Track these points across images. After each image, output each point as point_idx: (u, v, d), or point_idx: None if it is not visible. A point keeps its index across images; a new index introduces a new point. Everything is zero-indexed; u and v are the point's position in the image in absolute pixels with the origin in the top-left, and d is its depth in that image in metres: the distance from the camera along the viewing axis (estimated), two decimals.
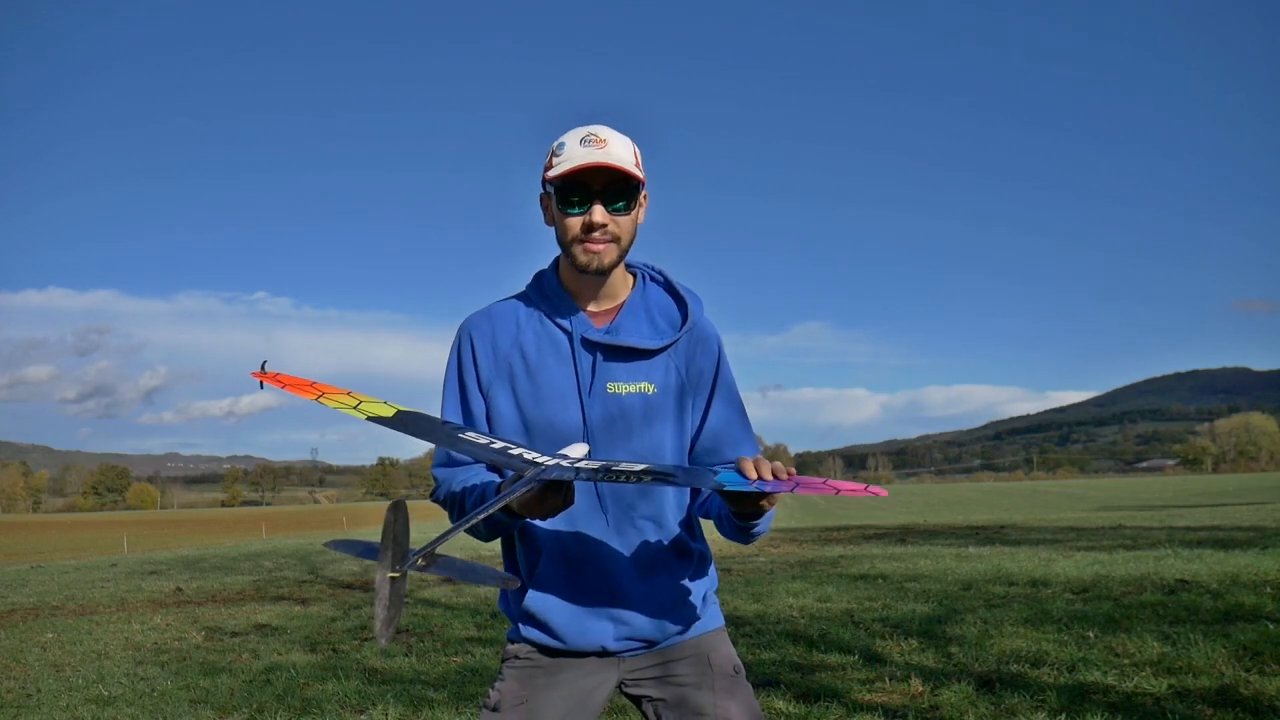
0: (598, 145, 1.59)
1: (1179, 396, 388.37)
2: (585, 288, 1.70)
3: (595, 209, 1.60)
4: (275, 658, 6.08)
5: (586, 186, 1.60)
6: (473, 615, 7.59)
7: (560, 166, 1.60)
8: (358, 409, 1.55)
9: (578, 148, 1.60)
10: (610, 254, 1.63)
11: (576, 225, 1.62)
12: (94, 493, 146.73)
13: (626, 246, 1.66)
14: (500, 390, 1.68)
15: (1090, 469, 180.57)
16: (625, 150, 1.62)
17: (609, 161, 1.57)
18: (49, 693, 5.31)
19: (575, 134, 1.62)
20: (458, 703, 4.58)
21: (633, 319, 1.70)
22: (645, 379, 1.67)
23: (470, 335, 1.72)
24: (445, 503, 1.67)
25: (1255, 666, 4.41)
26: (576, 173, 1.59)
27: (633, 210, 1.65)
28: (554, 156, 1.63)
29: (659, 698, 1.68)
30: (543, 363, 1.67)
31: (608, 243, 1.62)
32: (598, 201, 1.61)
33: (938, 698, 4.20)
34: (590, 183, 1.60)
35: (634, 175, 1.60)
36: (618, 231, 1.63)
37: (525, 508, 1.43)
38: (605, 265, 1.64)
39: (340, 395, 1.59)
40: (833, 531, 17.77)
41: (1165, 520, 16.77)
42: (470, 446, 1.48)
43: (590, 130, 1.62)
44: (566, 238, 1.64)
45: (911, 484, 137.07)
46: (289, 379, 1.61)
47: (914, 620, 6.22)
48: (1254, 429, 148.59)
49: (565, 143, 1.62)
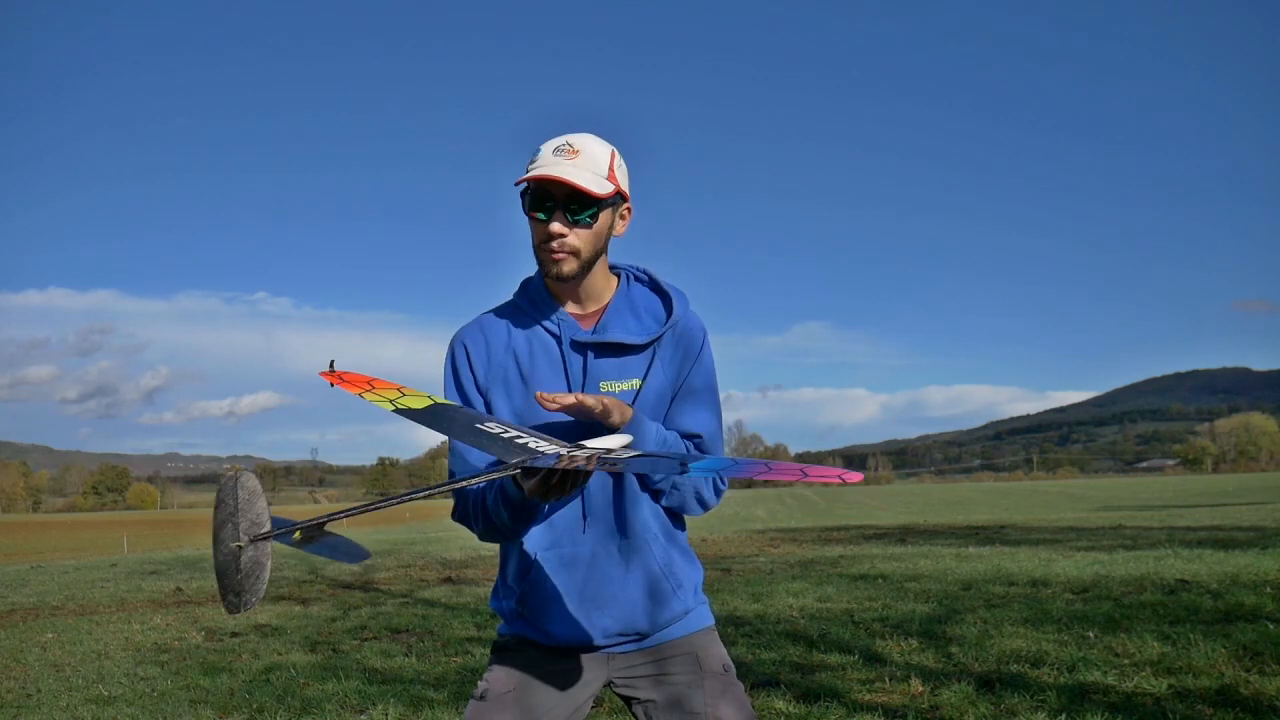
0: (569, 156, 1.60)
1: (1179, 396, 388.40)
2: (568, 291, 1.71)
3: (555, 220, 1.61)
4: (275, 658, 6.09)
5: (550, 195, 1.61)
6: (473, 615, 7.60)
7: (529, 173, 1.61)
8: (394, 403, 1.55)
9: (550, 156, 1.61)
10: (569, 264, 1.64)
11: (539, 233, 1.64)
12: (94, 493, 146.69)
13: (588, 258, 1.66)
14: (497, 395, 1.70)
15: (1090, 469, 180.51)
16: (597, 163, 1.61)
17: (564, 177, 1.57)
18: (49, 693, 5.32)
19: (552, 142, 1.63)
20: (458, 703, 4.58)
21: (618, 316, 1.72)
22: (635, 375, 1.69)
23: (464, 344, 1.73)
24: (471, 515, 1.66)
25: (1255, 666, 4.41)
26: (538, 182, 1.60)
27: (596, 224, 1.64)
28: (530, 162, 1.64)
29: (649, 699, 1.68)
30: (535, 367, 1.69)
31: (566, 254, 1.63)
32: (559, 211, 1.61)
33: (938, 698, 4.20)
34: (554, 192, 1.60)
35: (589, 193, 1.59)
36: (577, 244, 1.63)
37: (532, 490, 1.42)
38: (564, 274, 1.64)
39: (390, 390, 1.60)
40: (833, 531, 17.78)
41: (1165, 520, 16.78)
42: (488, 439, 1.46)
43: (567, 139, 1.62)
44: (533, 243, 1.67)
45: (911, 484, 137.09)
46: (351, 376, 1.63)
47: (914, 620, 6.22)
48: (1254, 429, 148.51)
49: (541, 149, 1.63)
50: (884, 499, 48.76)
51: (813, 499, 50.45)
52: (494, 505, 1.58)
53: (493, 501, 1.59)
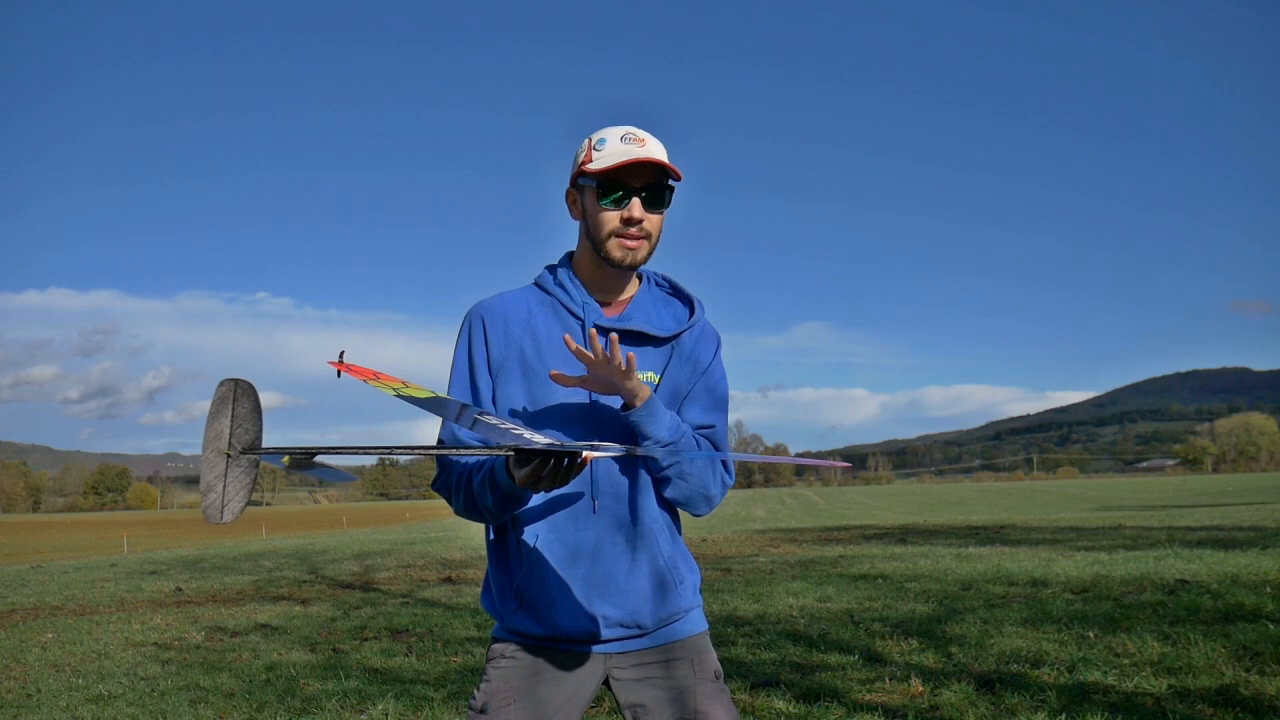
0: (637, 143, 1.63)
1: (1179, 396, 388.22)
2: (599, 282, 1.73)
3: (634, 204, 1.63)
4: (275, 657, 6.09)
5: (626, 183, 1.63)
6: (473, 615, 7.60)
7: (603, 161, 1.62)
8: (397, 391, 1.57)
9: (619, 144, 1.63)
10: (643, 250, 1.67)
11: (615, 219, 1.64)
12: (94, 493, 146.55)
13: (656, 244, 1.70)
14: (510, 372, 1.69)
15: (1090, 469, 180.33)
16: (661, 151, 1.66)
17: (654, 158, 1.60)
18: (49, 693, 5.32)
19: (614, 131, 1.65)
20: (458, 702, 4.58)
21: (642, 309, 1.74)
22: (651, 368, 1.71)
23: (482, 317, 1.73)
24: (453, 486, 1.65)
25: (1255, 666, 4.41)
26: (621, 168, 1.61)
27: (664, 211, 1.68)
28: (593, 150, 1.65)
29: (639, 702, 1.67)
30: (553, 347, 1.69)
31: (641, 239, 1.65)
32: (636, 198, 1.63)
33: (938, 698, 4.20)
34: (631, 179, 1.62)
35: (678, 172, 1.64)
36: (651, 229, 1.67)
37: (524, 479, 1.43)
38: (638, 261, 1.67)
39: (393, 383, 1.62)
40: (833, 531, 17.78)
41: (1165, 520, 16.77)
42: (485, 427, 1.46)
43: (629, 129, 1.65)
44: (602, 231, 1.66)
45: (911, 484, 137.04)
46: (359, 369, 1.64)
47: (914, 620, 6.22)
48: (1254, 429, 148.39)
49: (605, 138, 1.65)
50: (884, 499, 48.75)
51: (813, 499, 50.44)
52: (480, 488, 1.58)
53: (479, 484, 1.58)
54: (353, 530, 30.70)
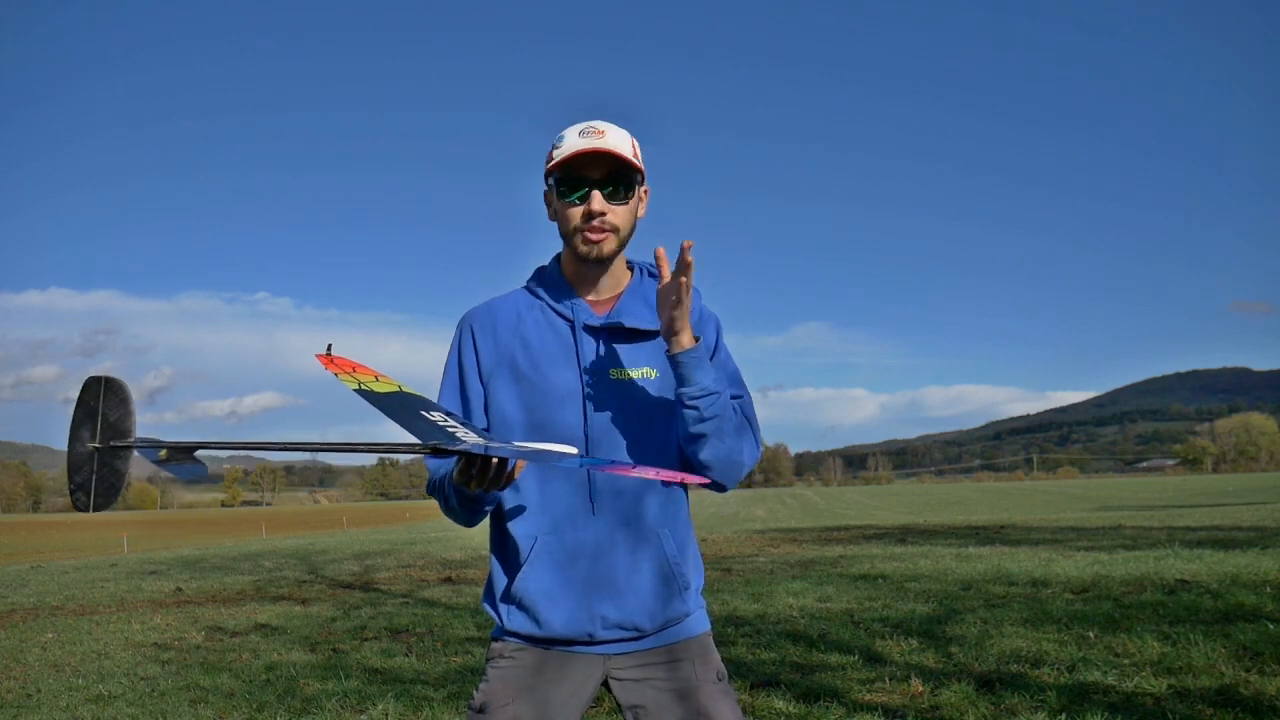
0: (595, 136, 1.63)
1: (1179, 396, 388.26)
2: (586, 279, 1.73)
3: (594, 197, 1.63)
4: (275, 657, 6.08)
5: (585, 177, 1.63)
6: (473, 615, 7.59)
7: (558, 156, 1.64)
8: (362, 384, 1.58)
9: (576, 139, 1.64)
10: (609, 243, 1.66)
11: (577, 215, 1.65)
12: None
13: (625, 237, 1.69)
14: (501, 379, 1.70)
15: (1090, 469, 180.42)
16: (623, 141, 1.65)
17: (605, 148, 1.61)
18: (49, 693, 5.31)
19: (575, 128, 1.67)
20: (458, 703, 4.58)
21: (632, 303, 1.73)
22: (647, 364, 1.70)
23: (471, 326, 1.75)
24: (433, 489, 1.70)
25: (1255, 666, 4.41)
26: (574, 160, 1.62)
27: (631, 200, 1.67)
28: (554, 149, 1.67)
29: (639, 704, 1.66)
30: (544, 350, 1.69)
31: (606, 232, 1.65)
32: (597, 191, 1.63)
33: (938, 698, 4.19)
34: (588, 172, 1.63)
35: (630, 161, 1.64)
36: (616, 221, 1.66)
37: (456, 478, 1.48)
38: (605, 254, 1.67)
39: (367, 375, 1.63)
40: (833, 531, 17.78)
41: (1165, 520, 16.77)
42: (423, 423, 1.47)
43: (589, 124, 1.66)
44: (568, 228, 1.67)
45: (911, 484, 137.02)
46: (341, 360, 1.65)
47: (914, 620, 6.21)
48: (1254, 429, 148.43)
49: (565, 135, 1.66)
50: (884, 499, 48.74)
51: (813, 499, 50.43)
52: (449, 488, 1.60)
53: (449, 486, 1.60)
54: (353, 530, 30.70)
